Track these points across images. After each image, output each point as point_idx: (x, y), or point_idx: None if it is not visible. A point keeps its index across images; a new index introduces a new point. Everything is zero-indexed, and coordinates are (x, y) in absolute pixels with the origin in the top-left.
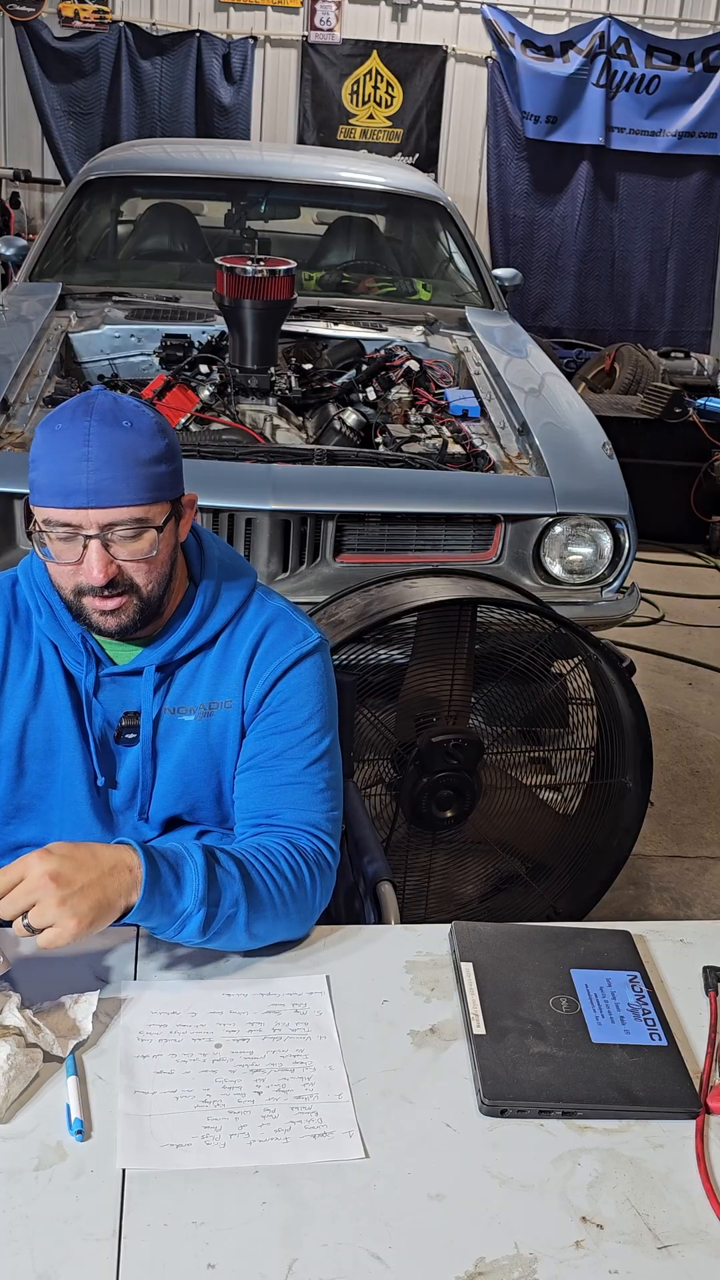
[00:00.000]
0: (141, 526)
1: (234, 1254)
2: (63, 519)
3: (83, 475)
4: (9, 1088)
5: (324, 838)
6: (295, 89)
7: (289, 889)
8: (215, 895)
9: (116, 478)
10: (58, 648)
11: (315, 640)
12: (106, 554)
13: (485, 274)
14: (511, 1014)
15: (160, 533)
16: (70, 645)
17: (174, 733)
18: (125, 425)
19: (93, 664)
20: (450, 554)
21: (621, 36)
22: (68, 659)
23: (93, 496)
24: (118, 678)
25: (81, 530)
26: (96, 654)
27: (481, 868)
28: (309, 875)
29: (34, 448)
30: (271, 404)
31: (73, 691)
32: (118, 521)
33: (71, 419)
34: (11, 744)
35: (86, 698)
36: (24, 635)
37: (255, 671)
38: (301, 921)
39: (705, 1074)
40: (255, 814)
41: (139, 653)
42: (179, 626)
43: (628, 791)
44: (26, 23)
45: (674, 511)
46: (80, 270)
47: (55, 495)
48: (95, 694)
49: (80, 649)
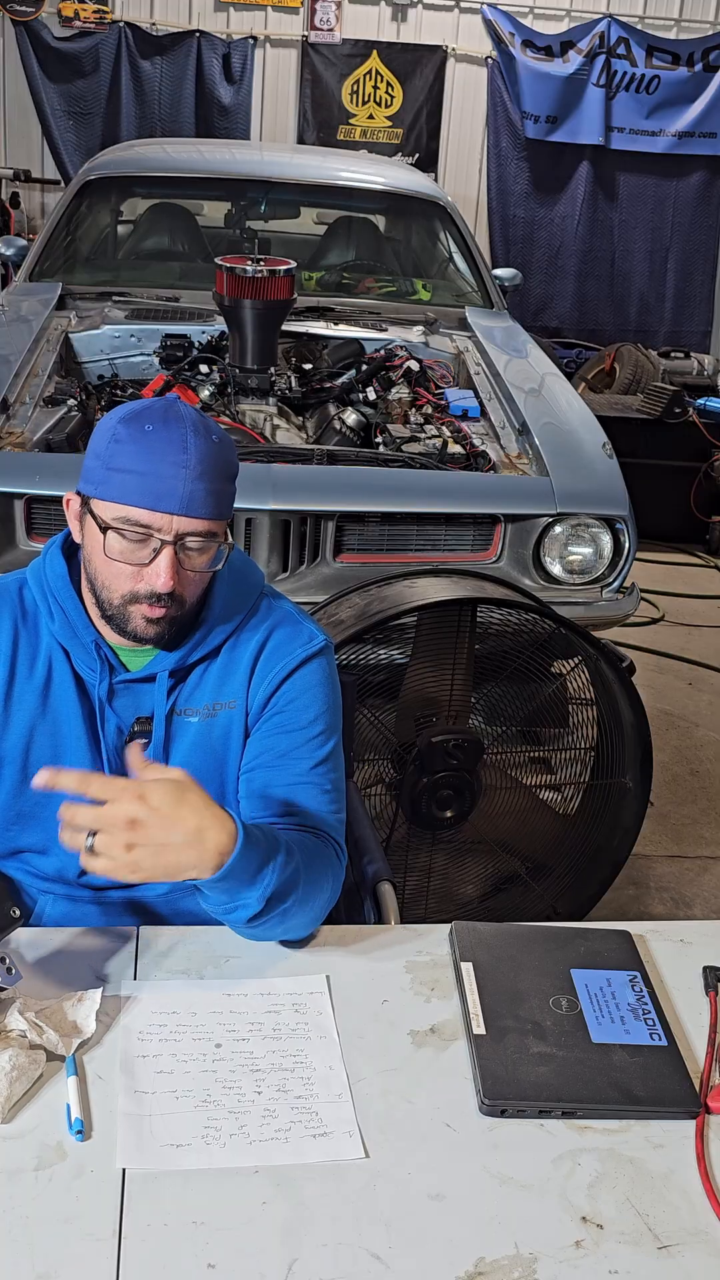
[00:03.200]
0: (211, 542)
1: (234, 1254)
2: (145, 520)
3: (180, 482)
4: (11, 1089)
5: (333, 837)
6: (295, 89)
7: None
8: (275, 900)
9: (208, 490)
10: (69, 653)
11: (321, 642)
12: (176, 561)
13: (485, 274)
14: (511, 1014)
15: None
16: (83, 651)
17: (180, 734)
18: (216, 439)
19: (106, 671)
20: (450, 554)
21: (621, 36)
22: (80, 665)
23: (185, 504)
24: (131, 684)
25: (160, 534)
26: (110, 660)
27: (481, 868)
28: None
29: (116, 443)
30: (271, 404)
31: (83, 698)
32: (195, 532)
33: (165, 423)
34: (17, 750)
35: (100, 705)
36: (32, 639)
37: (260, 673)
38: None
39: (705, 1074)
40: (260, 814)
41: (152, 658)
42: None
43: (628, 791)
44: (26, 23)
45: (674, 511)
46: (80, 270)
47: (146, 496)
48: (110, 701)
49: (94, 655)
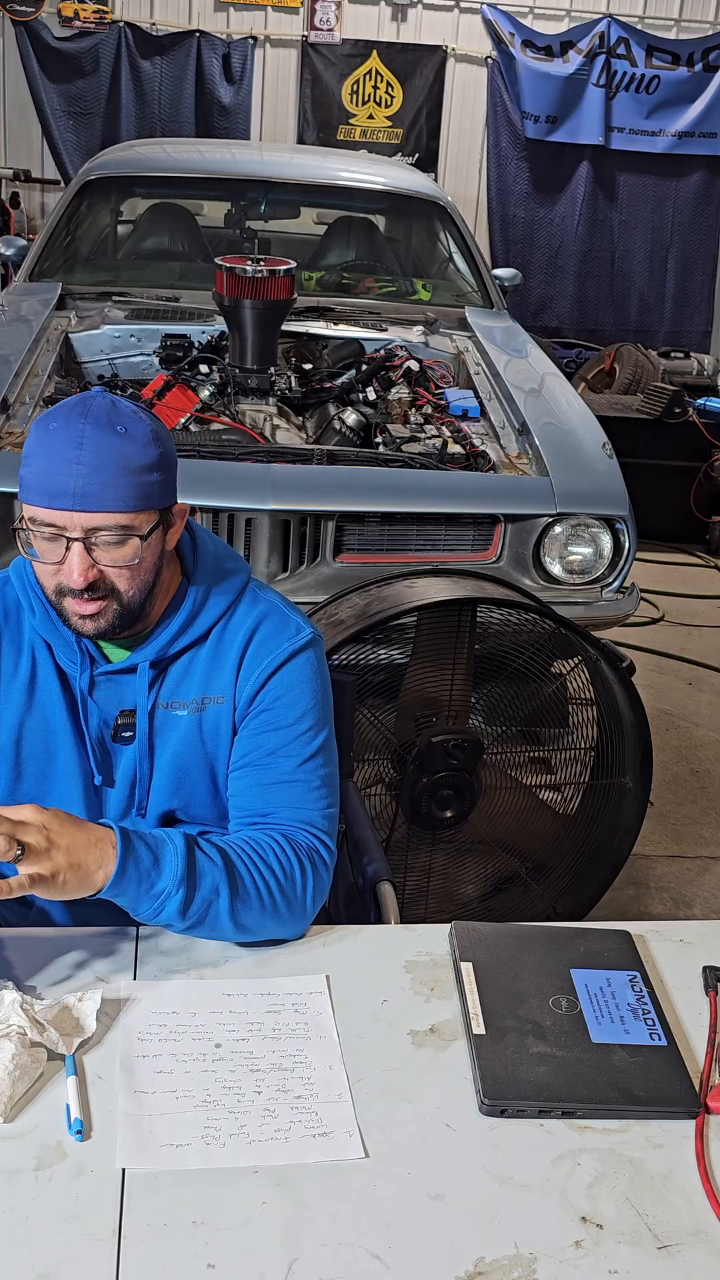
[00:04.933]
0: (126, 534)
1: (234, 1254)
2: (48, 519)
3: (71, 478)
4: (13, 1088)
5: (320, 835)
6: (295, 89)
7: (276, 881)
8: (194, 879)
9: (105, 483)
10: (51, 647)
11: (308, 636)
12: (88, 558)
13: (485, 274)
14: (511, 1014)
15: (145, 541)
16: (64, 644)
17: (168, 727)
18: (120, 431)
19: (87, 663)
20: (450, 554)
21: (621, 36)
22: (61, 658)
23: (79, 500)
24: (112, 676)
25: (65, 532)
26: (90, 652)
27: (481, 868)
28: (299, 870)
29: (27, 444)
30: (271, 404)
31: (67, 692)
32: (102, 527)
33: (67, 419)
34: (8, 746)
35: (82, 697)
36: (15, 635)
37: (247, 668)
38: (294, 917)
39: (705, 1074)
40: (250, 812)
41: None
42: (171, 622)
43: (628, 791)
44: (26, 23)
45: (674, 511)
46: (80, 270)
47: (43, 494)
48: (90, 693)
49: (74, 648)
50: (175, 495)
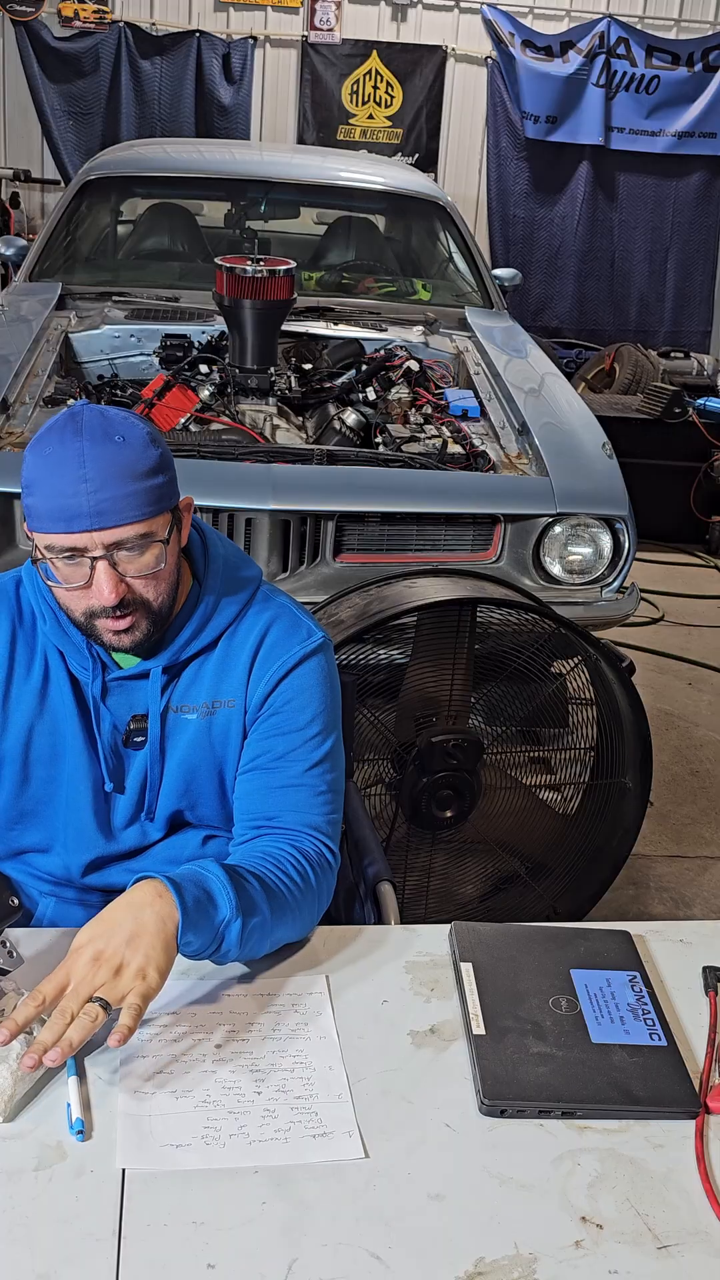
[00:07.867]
0: (147, 541)
1: (234, 1254)
2: (67, 544)
3: (82, 497)
4: (15, 1087)
5: (324, 840)
6: (295, 89)
7: (298, 891)
8: (246, 901)
9: (117, 496)
10: (63, 654)
11: (319, 640)
12: (115, 573)
13: (485, 274)
14: (511, 1014)
15: (165, 545)
16: (76, 652)
17: (177, 731)
18: (118, 440)
19: (99, 670)
20: (450, 554)
21: (621, 36)
22: (74, 665)
23: (96, 519)
24: (124, 681)
25: (87, 553)
26: (102, 659)
27: (481, 868)
28: (314, 876)
29: (27, 473)
30: (271, 404)
31: (78, 697)
32: (123, 540)
33: (61, 441)
34: (17, 749)
35: (94, 704)
36: (29, 639)
37: (258, 671)
38: (307, 923)
39: (705, 1074)
40: (255, 816)
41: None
42: (185, 627)
43: (628, 791)
44: (26, 23)
45: (674, 511)
46: (80, 270)
47: (57, 520)
48: (103, 699)
49: (86, 655)
50: (179, 491)
